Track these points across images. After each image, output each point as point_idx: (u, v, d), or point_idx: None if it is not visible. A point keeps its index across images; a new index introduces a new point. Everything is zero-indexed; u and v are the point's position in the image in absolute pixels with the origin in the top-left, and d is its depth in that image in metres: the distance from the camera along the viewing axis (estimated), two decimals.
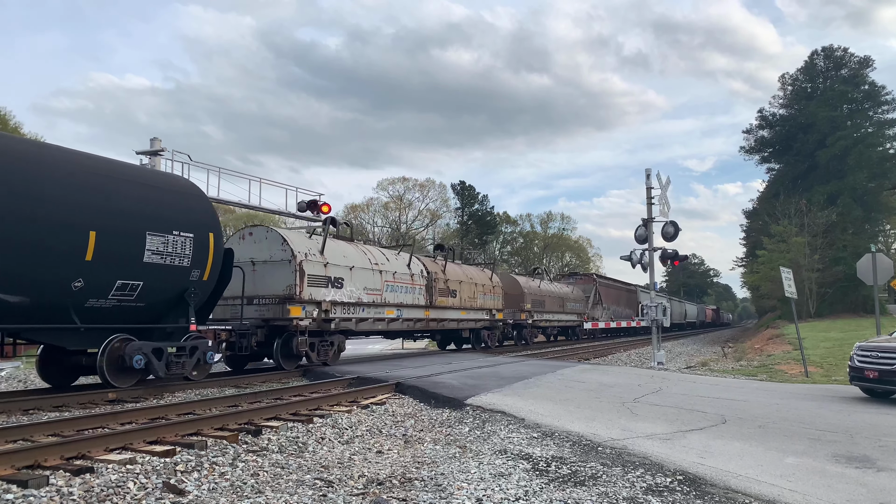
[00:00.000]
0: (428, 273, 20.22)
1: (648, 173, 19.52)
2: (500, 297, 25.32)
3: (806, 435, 7.96)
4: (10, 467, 5.58)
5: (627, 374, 15.76)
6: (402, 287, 18.39)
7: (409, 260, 19.57)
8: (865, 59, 61.65)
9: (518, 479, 5.85)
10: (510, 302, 27.26)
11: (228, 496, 5.23)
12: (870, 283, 17.09)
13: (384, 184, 72.47)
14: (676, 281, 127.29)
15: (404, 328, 18.99)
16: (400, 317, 18.14)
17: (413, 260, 19.98)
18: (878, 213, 58.83)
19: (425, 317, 19.69)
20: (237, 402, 10.06)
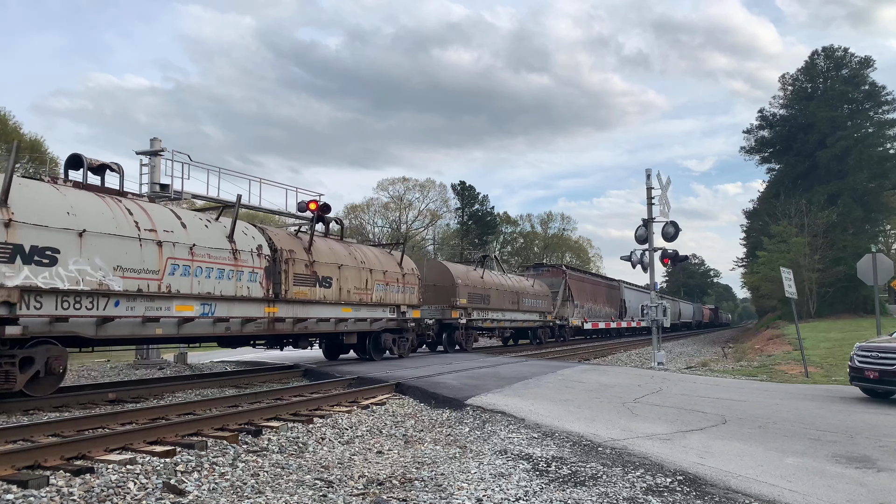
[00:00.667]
0: (273, 250, 14.03)
1: (649, 173, 19.52)
2: (417, 288, 19.38)
3: (806, 435, 7.96)
4: (11, 467, 5.58)
5: (627, 374, 15.76)
6: (216, 269, 12.41)
7: (232, 229, 13.12)
8: (866, 59, 61.64)
9: (518, 480, 5.85)
10: (437, 296, 22.82)
11: (228, 496, 5.23)
12: (870, 284, 17.08)
13: (384, 184, 72.48)
14: (676, 281, 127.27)
15: (222, 333, 12.86)
16: (210, 314, 12.25)
17: (246, 230, 13.87)
18: (879, 214, 58.80)
19: (266, 315, 13.59)
20: (237, 402, 10.06)
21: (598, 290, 42.15)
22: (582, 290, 37.74)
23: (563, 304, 34.15)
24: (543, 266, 38.29)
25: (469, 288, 24.14)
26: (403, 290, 18.68)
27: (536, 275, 34.97)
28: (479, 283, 25.16)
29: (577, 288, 36.60)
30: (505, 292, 27.38)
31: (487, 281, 26.05)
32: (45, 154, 39.03)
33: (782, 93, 67.52)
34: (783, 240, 52.45)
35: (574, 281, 36.69)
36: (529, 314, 29.89)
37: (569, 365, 17.80)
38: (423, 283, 21.03)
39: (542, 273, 36.05)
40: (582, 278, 39.67)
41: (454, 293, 23.01)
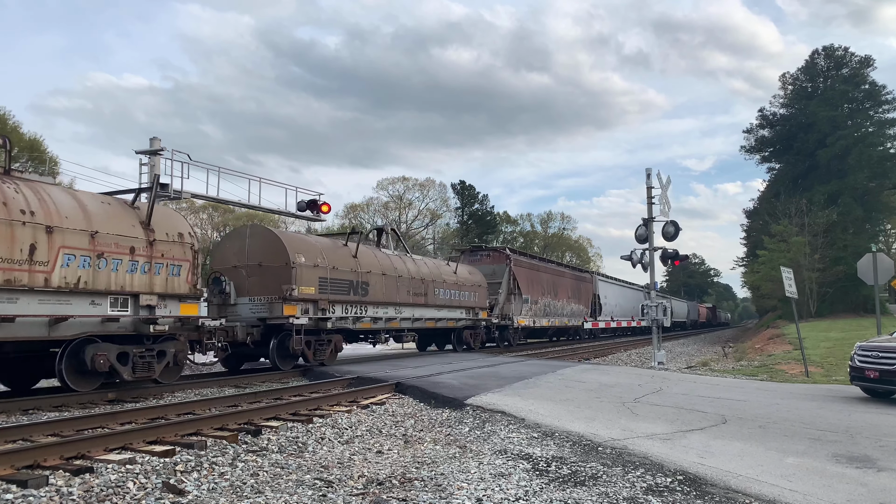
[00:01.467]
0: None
1: (649, 173, 19.51)
2: (187, 269, 12.23)
3: (806, 435, 7.95)
4: (10, 467, 5.57)
5: (627, 374, 15.75)
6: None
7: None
8: (866, 58, 61.65)
9: (518, 480, 5.85)
10: (264, 283, 15.24)
11: (228, 496, 5.22)
12: (870, 283, 17.07)
13: (384, 183, 72.47)
14: (677, 281, 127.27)
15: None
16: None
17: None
18: (879, 213, 58.83)
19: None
20: (237, 401, 10.05)
21: (561, 283, 34.27)
22: (534, 282, 30.04)
23: (507, 298, 26.85)
24: (482, 250, 29.54)
25: (322, 270, 15.89)
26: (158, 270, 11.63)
27: (473, 260, 27.77)
28: (345, 265, 16.78)
29: (526, 278, 28.77)
30: (402, 279, 19.18)
31: (366, 262, 17.75)
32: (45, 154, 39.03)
33: (782, 92, 67.60)
34: (783, 239, 52.46)
35: (522, 269, 28.62)
36: (450, 311, 22.04)
37: (569, 364, 17.80)
38: (246, 264, 15.58)
39: (480, 258, 28.19)
40: (534, 266, 31.23)
41: (289, 278, 15.01)
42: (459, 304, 22.81)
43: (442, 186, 74.37)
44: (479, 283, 24.58)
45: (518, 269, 28.07)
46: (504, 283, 26.94)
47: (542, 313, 30.68)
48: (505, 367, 15.59)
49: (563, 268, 38.12)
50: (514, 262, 27.89)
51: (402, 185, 72.10)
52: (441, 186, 74.29)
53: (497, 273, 27.08)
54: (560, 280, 34.56)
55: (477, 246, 31.03)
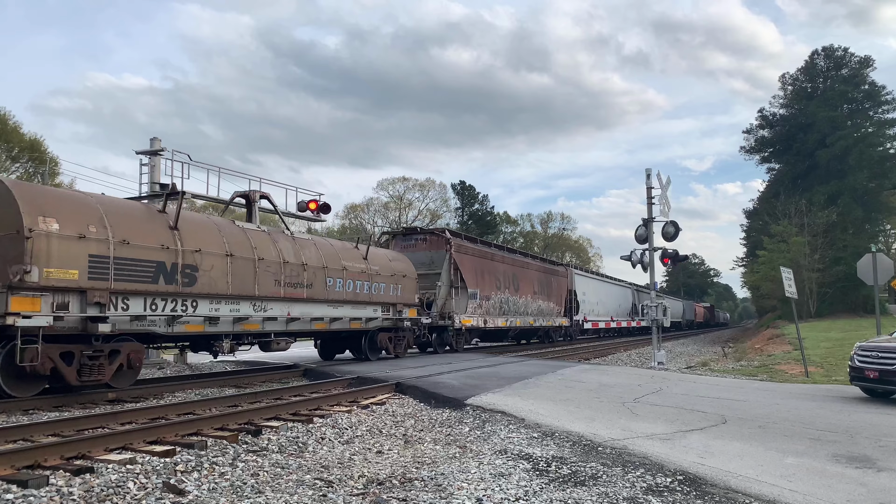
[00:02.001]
0: None
1: (649, 173, 19.51)
2: None
3: (806, 435, 7.95)
4: (10, 467, 5.57)
5: (627, 374, 15.75)
6: None
7: None
8: (866, 58, 61.73)
9: (518, 479, 5.85)
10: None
11: (228, 496, 5.23)
12: (870, 283, 17.08)
13: (384, 183, 72.53)
14: (676, 281, 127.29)
15: None
16: None
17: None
18: (879, 213, 58.88)
19: None
20: (237, 401, 10.05)
21: (524, 276, 28.86)
22: (485, 273, 24.64)
23: (449, 293, 21.67)
24: (416, 233, 23.53)
25: (97, 245, 10.34)
26: None
27: (406, 246, 22.65)
28: (148, 238, 11.26)
29: (473, 269, 23.54)
30: (266, 264, 13.72)
31: (195, 236, 12.30)
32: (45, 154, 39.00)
33: (782, 92, 67.70)
34: (783, 239, 52.51)
35: (467, 258, 23.20)
36: (355, 308, 16.54)
37: (569, 365, 17.80)
38: None
39: (415, 244, 22.77)
40: (485, 255, 25.52)
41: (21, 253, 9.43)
42: (370, 299, 17.04)
43: (442, 187, 74.48)
44: (404, 273, 18.83)
45: (461, 258, 22.69)
46: (444, 274, 21.63)
47: (496, 311, 25.25)
48: (505, 368, 15.60)
49: (527, 258, 31.78)
50: (455, 249, 22.24)
51: (402, 185, 72.21)
52: (441, 187, 74.41)
53: (436, 262, 21.86)
54: (524, 273, 28.89)
55: (410, 228, 23.72)
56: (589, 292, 38.95)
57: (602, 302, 41.94)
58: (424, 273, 21.20)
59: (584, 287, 37.86)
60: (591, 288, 39.83)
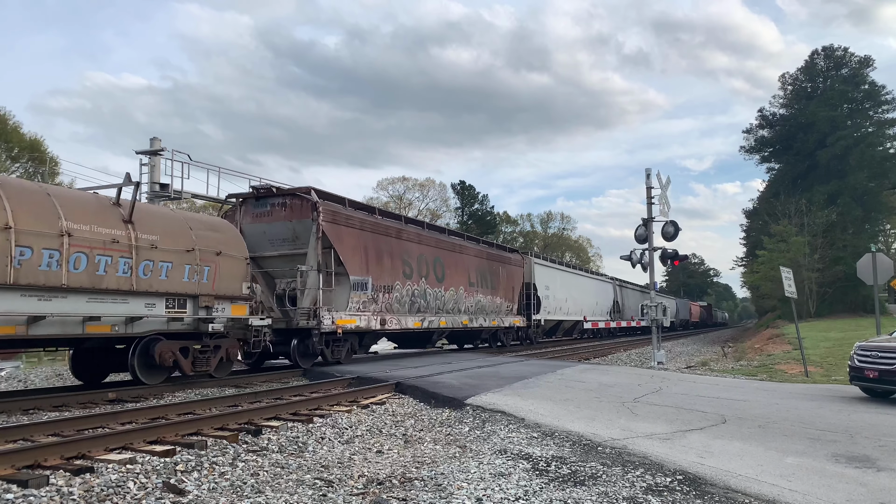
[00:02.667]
0: None
1: (648, 173, 19.51)
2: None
3: (806, 435, 7.96)
4: (10, 467, 5.58)
5: (627, 373, 15.76)
6: None
7: None
8: (866, 58, 61.72)
9: (518, 479, 5.85)
10: None
11: (228, 496, 5.23)
12: (870, 283, 17.08)
13: (384, 183, 72.54)
14: (676, 281, 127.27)
15: None
16: None
17: None
18: (879, 213, 58.88)
19: None
20: (237, 401, 10.06)
21: (454, 263, 21.87)
22: (383, 255, 17.74)
23: (318, 281, 15.07)
24: (273, 196, 16.12)
25: None
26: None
27: (260, 214, 15.90)
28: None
29: (359, 247, 16.73)
30: None
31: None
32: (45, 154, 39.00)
33: (782, 92, 67.69)
34: (783, 239, 52.49)
35: (347, 231, 16.27)
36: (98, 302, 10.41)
37: (569, 364, 17.80)
38: None
39: (270, 211, 15.91)
40: (382, 229, 18.06)
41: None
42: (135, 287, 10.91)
43: (442, 186, 74.49)
44: (219, 248, 12.69)
45: (338, 231, 15.69)
46: (310, 253, 15.15)
47: (405, 308, 18.60)
48: (505, 367, 15.60)
49: (460, 240, 23.83)
50: (327, 217, 15.29)
51: (402, 185, 72.22)
52: (441, 186, 74.42)
53: (301, 236, 15.38)
54: (454, 258, 21.90)
55: (264, 188, 16.33)
56: (555, 286, 32.49)
57: (573, 298, 35.63)
58: (287, 253, 15.42)
59: (547, 279, 31.39)
60: (557, 281, 33.13)
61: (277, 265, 15.53)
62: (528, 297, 28.68)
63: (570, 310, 35.02)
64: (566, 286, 34.67)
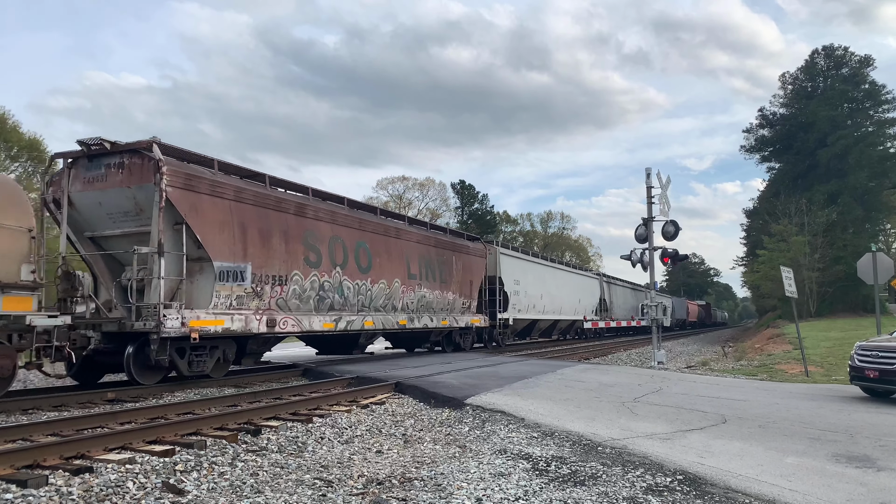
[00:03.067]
0: None
1: (648, 172, 19.50)
2: None
3: (806, 434, 7.95)
4: (10, 467, 5.57)
5: (627, 373, 15.75)
6: None
7: None
8: (866, 58, 61.70)
9: (518, 479, 5.84)
10: None
11: (228, 496, 5.22)
12: (870, 283, 17.07)
13: (384, 183, 72.53)
14: (676, 280, 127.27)
15: None
16: None
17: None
18: (879, 213, 58.86)
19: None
20: (236, 401, 10.05)
21: (389, 250, 18.54)
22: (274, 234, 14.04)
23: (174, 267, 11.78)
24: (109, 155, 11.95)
25: None
26: None
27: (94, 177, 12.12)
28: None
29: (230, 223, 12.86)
30: None
31: None
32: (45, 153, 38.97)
33: (782, 92, 67.67)
34: (783, 239, 52.48)
35: (209, 200, 12.44)
36: None
37: (568, 364, 17.80)
38: None
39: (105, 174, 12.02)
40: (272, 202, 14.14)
41: None
42: None
43: (442, 186, 74.47)
44: None
45: (191, 200, 12.07)
46: (153, 230, 11.65)
47: (308, 305, 14.94)
48: (505, 367, 15.59)
49: (396, 221, 20.12)
50: (171, 181, 11.61)
51: (401, 184, 72.20)
52: (441, 186, 74.40)
53: (146, 208, 11.88)
54: (388, 244, 18.42)
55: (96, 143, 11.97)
56: (527, 281, 28.92)
57: (550, 295, 31.99)
58: (132, 232, 12.10)
59: (517, 273, 27.75)
60: (530, 276, 29.49)
61: (122, 247, 12.09)
62: (494, 293, 24.93)
63: (546, 308, 31.42)
64: (542, 282, 30.90)
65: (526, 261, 30.07)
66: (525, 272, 29.06)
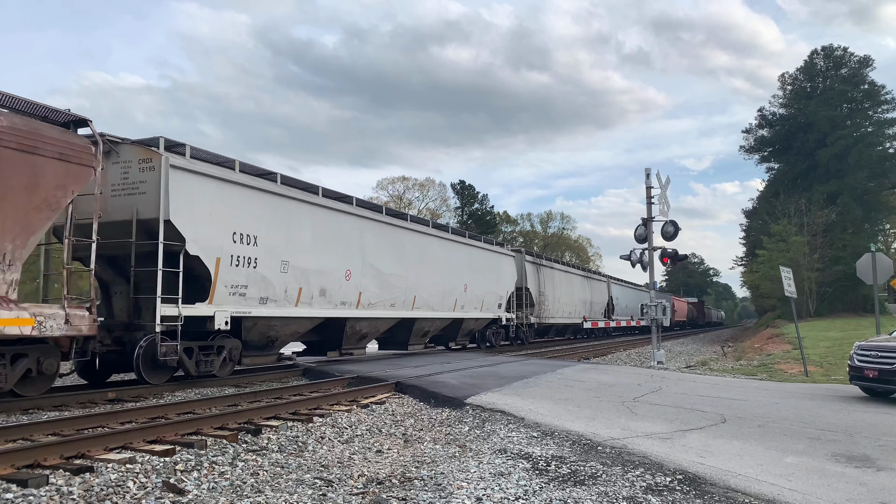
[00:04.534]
0: None
1: (648, 173, 19.52)
2: None
3: (806, 434, 7.96)
4: (10, 466, 5.57)
5: (627, 373, 15.76)
6: None
7: None
8: (865, 58, 61.74)
9: (518, 479, 5.85)
10: None
11: (228, 495, 5.23)
12: (869, 283, 17.09)
13: (384, 183, 72.55)
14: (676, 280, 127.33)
15: None
16: None
17: None
18: (878, 213, 58.92)
19: None
20: (237, 401, 10.05)
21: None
22: None
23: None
24: None
25: None
26: None
27: None
28: None
29: None
30: None
31: None
32: None
33: (782, 92, 67.68)
34: (783, 239, 52.49)
35: None
36: None
37: (568, 364, 17.81)
38: None
39: None
40: None
41: None
42: None
43: (442, 186, 74.49)
44: None
45: None
46: None
47: None
48: (505, 367, 15.60)
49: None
50: None
51: (401, 184, 72.20)
52: (441, 186, 74.42)
53: None
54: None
55: None
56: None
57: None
58: None
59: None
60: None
61: None
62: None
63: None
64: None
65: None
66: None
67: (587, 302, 38.13)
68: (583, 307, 37.11)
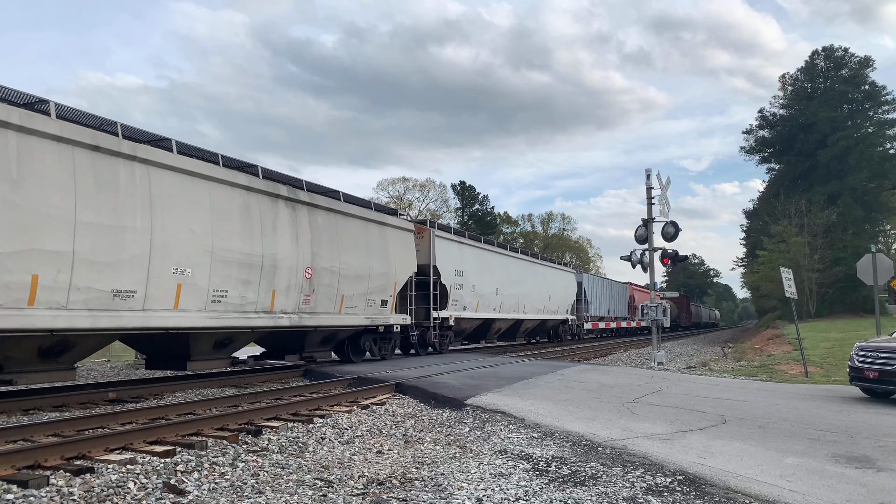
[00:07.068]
0: None
1: (648, 173, 19.51)
2: None
3: (806, 435, 7.96)
4: (11, 467, 5.58)
5: (627, 374, 15.76)
6: None
7: None
8: (866, 59, 61.78)
9: (518, 480, 5.86)
10: None
11: (228, 496, 5.23)
12: (870, 284, 17.08)
13: (384, 184, 72.54)
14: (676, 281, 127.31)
15: None
16: None
17: None
18: (879, 214, 58.92)
19: None
20: (237, 402, 10.06)
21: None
22: None
23: None
24: None
25: None
26: None
27: None
28: None
29: None
30: None
31: None
32: None
33: (782, 92, 67.71)
34: (783, 240, 52.51)
35: None
36: None
37: (569, 365, 17.81)
38: None
39: None
40: None
41: None
42: None
43: (442, 187, 74.54)
44: None
45: None
46: None
47: None
48: (505, 368, 15.61)
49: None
50: None
51: (402, 185, 72.23)
52: (441, 187, 74.47)
53: None
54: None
55: None
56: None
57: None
58: None
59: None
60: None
61: None
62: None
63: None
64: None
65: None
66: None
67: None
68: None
